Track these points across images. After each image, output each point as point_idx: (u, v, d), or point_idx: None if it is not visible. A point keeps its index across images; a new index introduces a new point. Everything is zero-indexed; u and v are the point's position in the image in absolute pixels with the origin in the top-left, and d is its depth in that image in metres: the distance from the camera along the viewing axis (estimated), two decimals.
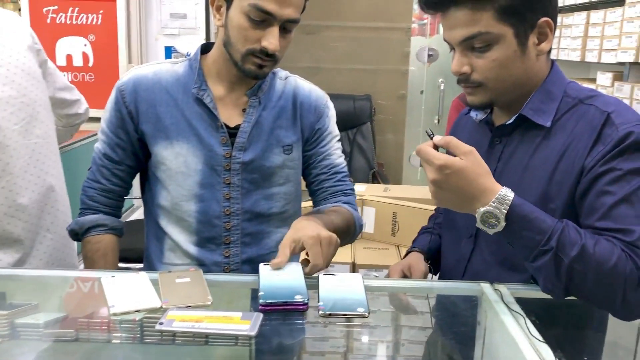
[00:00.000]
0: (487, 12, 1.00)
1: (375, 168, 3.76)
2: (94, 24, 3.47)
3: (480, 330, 1.04)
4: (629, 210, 0.95)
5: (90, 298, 1.14)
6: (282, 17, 1.17)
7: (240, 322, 0.93)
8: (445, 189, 0.96)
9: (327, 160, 1.41)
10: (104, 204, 1.36)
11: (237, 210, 1.31)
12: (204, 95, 1.28)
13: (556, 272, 0.94)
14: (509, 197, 0.94)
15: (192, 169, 1.29)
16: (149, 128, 1.29)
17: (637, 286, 0.92)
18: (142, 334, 0.98)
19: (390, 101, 3.97)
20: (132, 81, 1.31)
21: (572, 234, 0.94)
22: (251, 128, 1.30)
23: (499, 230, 0.95)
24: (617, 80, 2.39)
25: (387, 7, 3.83)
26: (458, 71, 1.06)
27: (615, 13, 2.41)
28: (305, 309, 1.00)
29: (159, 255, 1.36)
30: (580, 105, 1.06)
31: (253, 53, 1.20)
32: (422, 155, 0.97)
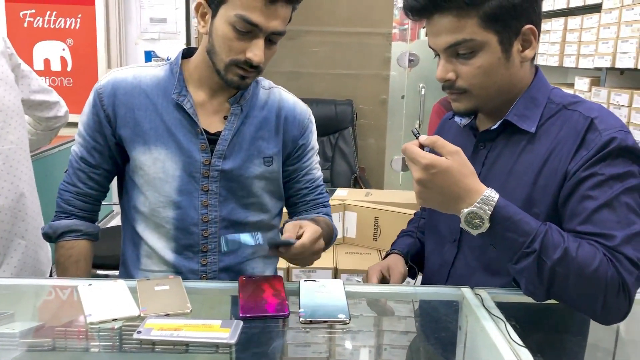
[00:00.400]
0: (471, 19, 1.01)
1: (357, 173, 3.76)
2: (73, 28, 3.42)
3: (461, 335, 1.04)
4: (611, 215, 0.96)
5: (67, 306, 1.12)
6: (268, 29, 1.16)
7: (219, 330, 0.92)
8: (430, 189, 0.96)
9: (309, 175, 1.42)
10: (80, 208, 1.34)
11: (215, 217, 1.30)
12: (184, 100, 1.26)
13: (538, 274, 0.94)
14: (494, 198, 0.94)
15: (170, 175, 1.27)
16: (127, 132, 1.27)
17: (617, 291, 0.93)
18: (121, 343, 0.96)
19: (372, 106, 3.98)
20: (111, 84, 1.28)
21: (555, 236, 0.95)
22: (232, 136, 1.29)
23: (483, 232, 0.95)
24: (595, 85, 2.42)
25: (368, 13, 3.85)
26: (443, 78, 1.07)
27: (592, 19, 2.44)
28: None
29: (135, 261, 1.34)
30: (564, 110, 1.07)
31: (237, 64, 1.19)
32: (408, 154, 0.97)
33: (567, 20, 2.69)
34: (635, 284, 0.94)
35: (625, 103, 2.11)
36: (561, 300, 0.97)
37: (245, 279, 1.12)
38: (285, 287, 1.09)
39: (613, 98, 2.19)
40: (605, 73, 2.35)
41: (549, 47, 2.87)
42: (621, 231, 0.95)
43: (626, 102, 2.10)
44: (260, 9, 1.13)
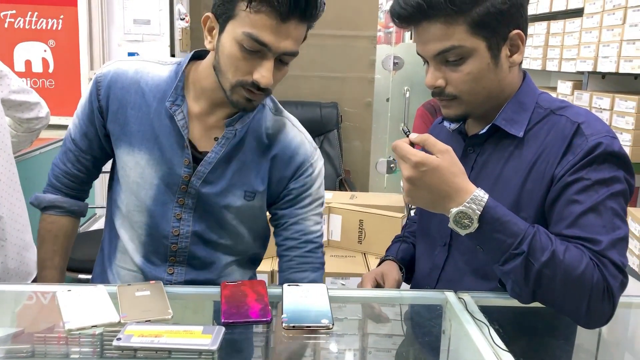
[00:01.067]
0: (460, 26, 1.01)
1: (342, 175, 3.77)
2: (54, 29, 3.38)
3: (445, 339, 1.04)
4: (597, 219, 0.97)
5: (47, 312, 1.10)
6: (278, 50, 1.07)
7: (201, 336, 0.91)
8: (420, 187, 0.95)
9: (300, 225, 1.27)
10: (67, 186, 1.32)
11: (186, 232, 1.24)
12: (176, 110, 1.18)
13: (525, 276, 0.94)
14: (484, 198, 0.94)
15: (147, 182, 1.22)
16: (115, 129, 1.23)
17: (602, 296, 0.93)
18: (102, 349, 0.95)
19: (357, 108, 3.99)
20: (111, 75, 1.22)
21: (543, 239, 0.95)
22: (216, 161, 1.20)
23: (471, 232, 0.95)
24: (577, 89, 2.44)
25: (353, 16, 3.86)
26: (432, 85, 1.07)
27: (574, 23, 2.46)
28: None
29: (110, 254, 1.32)
30: (552, 115, 1.08)
31: (243, 85, 1.10)
32: (399, 152, 0.96)
33: (549, 24, 2.71)
34: (619, 289, 0.94)
35: (606, 107, 2.13)
36: (546, 303, 0.97)
37: (228, 283, 1.10)
38: (269, 291, 1.08)
39: (595, 102, 2.21)
40: (587, 77, 2.37)
41: (532, 51, 2.89)
42: (606, 235, 0.95)
43: (608, 105, 2.12)
44: (271, 27, 1.04)
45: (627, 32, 2.04)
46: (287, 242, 1.27)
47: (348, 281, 2.34)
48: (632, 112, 1.98)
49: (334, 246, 2.56)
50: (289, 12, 1.04)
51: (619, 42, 2.08)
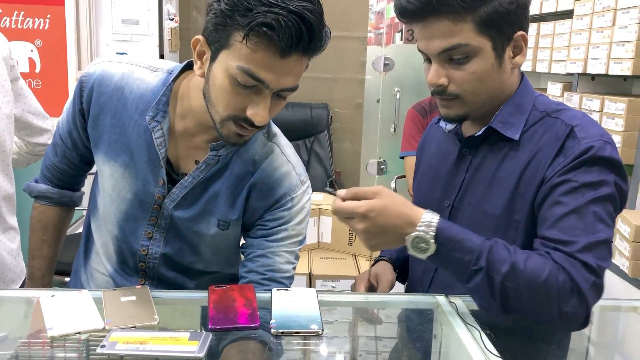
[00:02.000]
0: (467, 24, 0.99)
1: (333, 176, 3.75)
2: (41, 29, 3.34)
3: (436, 344, 1.03)
4: (577, 222, 0.96)
5: (31, 318, 1.08)
6: (276, 87, 0.98)
7: (187, 342, 0.89)
8: (376, 233, 0.95)
9: (269, 259, 1.15)
10: (57, 178, 1.31)
11: (155, 253, 1.18)
12: (155, 127, 1.10)
13: (490, 290, 0.93)
14: (434, 219, 0.94)
15: (120, 196, 1.16)
16: (94, 135, 1.17)
17: (570, 296, 0.91)
18: (88, 355, 0.92)
19: (347, 110, 3.98)
20: (95, 77, 1.14)
21: (501, 251, 0.94)
22: (193, 186, 1.13)
23: (431, 254, 0.94)
24: (567, 90, 2.45)
25: (344, 17, 3.85)
26: (435, 83, 1.04)
27: (564, 25, 2.47)
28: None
29: (86, 255, 1.30)
30: (547, 118, 1.07)
31: (235, 120, 1.01)
32: (342, 212, 0.96)
33: (539, 26, 2.71)
34: (592, 290, 0.93)
35: (596, 108, 2.13)
36: (518, 314, 0.95)
37: (216, 288, 1.08)
38: (257, 296, 1.07)
39: (585, 103, 2.22)
40: (577, 78, 2.38)
41: None
42: (584, 238, 0.94)
43: (597, 107, 2.12)
44: (270, 63, 0.94)
45: (617, 34, 2.05)
46: (249, 275, 1.15)
47: (338, 283, 2.33)
48: (621, 114, 1.99)
49: (325, 248, 2.54)
50: (291, 47, 0.93)
51: (609, 44, 2.08)
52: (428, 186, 1.22)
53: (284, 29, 0.91)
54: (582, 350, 1.19)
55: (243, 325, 0.97)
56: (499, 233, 1.04)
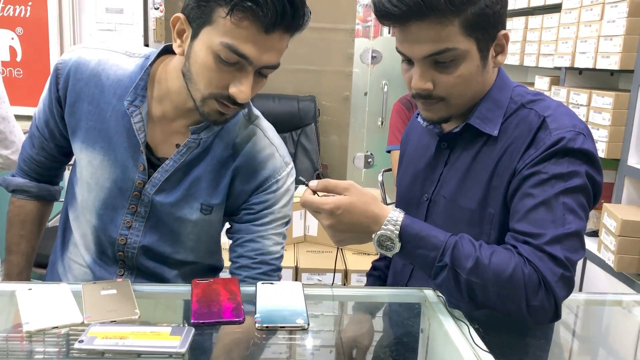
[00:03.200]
0: (454, 27, 0.96)
1: (319, 169, 3.73)
2: (23, 17, 3.27)
3: (423, 338, 1.02)
4: (547, 214, 0.94)
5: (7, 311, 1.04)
6: (259, 63, 0.98)
7: (169, 337, 0.86)
8: (343, 230, 0.95)
9: (258, 243, 1.16)
10: (35, 172, 1.27)
11: (134, 242, 1.16)
12: (134, 112, 1.09)
13: (456, 286, 0.93)
14: (399, 218, 0.94)
15: (99, 185, 1.14)
16: (71, 122, 1.15)
17: (537, 289, 0.90)
18: (68, 349, 0.90)
19: (335, 102, 3.95)
20: (72, 64, 1.13)
21: (466, 247, 0.93)
22: (175, 170, 1.12)
23: (397, 252, 0.94)
24: (554, 84, 2.44)
25: (331, 8, 3.81)
26: (422, 88, 1.01)
27: (552, 19, 2.46)
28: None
29: (63, 246, 1.27)
30: (522, 109, 1.06)
31: (216, 97, 1.00)
32: (309, 206, 0.95)
33: (527, 19, 2.71)
34: (559, 283, 0.91)
35: (584, 102, 2.13)
36: (488, 308, 0.95)
37: (199, 281, 1.06)
38: (242, 290, 1.04)
39: (572, 97, 2.22)
40: (564, 72, 2.38)
41: (510, 46, 2.89)
42: (553, 230, 0.93)
43: (585, 101, 2.12)
44: (254, 38, 0.95)
45: (605, 28, 2.04)
46: (240, 260, 1.17)
47: (324, 277, 2.31)
48: (608, 108, 1.99)
49: (311, 241, 2.53)
50: (275, 23, 0.94)
51: (597, 38, 2.08)
52: (409, 180, 1.21)
53: (268, 5, 0.92)
54: (567, 344, 1.19)
55: (227, 319, 0.95)
56: (474, 227, 1.04)
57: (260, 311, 0.96)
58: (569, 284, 0.93)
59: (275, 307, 0.98)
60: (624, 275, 1.84)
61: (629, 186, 1.98)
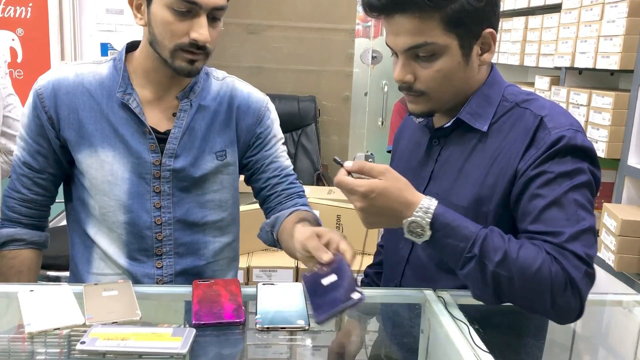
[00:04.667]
0: (433, 22, 0.98)
1: (320, 170, 3.73)
2: (23, 18, 3.27)
3: (423, 339, 1.02)
4: (560, 213, 0.96)
5: (9, 313, 1.05)
6: (208, 5, 1.10)
7: (170, 339, 0.87)
8: (374, 213, 0.95)
9: (276, 163, 1.34)
10: (25, 215, 1.26)
11: (169, 219, 1.24)
12: (129, 99, 1.19)
13: (482, 278, 0.93)
14: (432, 206, 0.94)
15: (118, 178, 1.20)
16: (71, 135, 1.20)
17: (564, 288, 0.91)
18: (69, 351, 0.90)
19: (335, 102, 3.96)
20: (52, 84, 1.20)
21: (495, 240, 0.94)
22: (182, 134, 1.22)
23: (427, 240, 0.95)
24: (554, 84, 2.45)
25: (331, 8, 3.82)
26: (401, 79, 1.04)
27: (552, 19, 2.47)
28: None
29: (87, 265, 1.27)
30: (517, 108, 1.07)
31: (182, 47, 1.12)
32: (344, 187, 0.95)
33: (527, 19, 2.71)
34: (584, 280, 0.93)
35: (584, 102, 2.13)
36: (512, 303, 0.96)
37: (200, 282, 1.06)
38: (243, 291, 1.05)
39: (572, 97, 2.22)
40: (564, 72, 2.38)
41: (510, 46, 2.89)
42: (570, 228, 0.94)
43: (585, 101, 2.12)
44: None
45: (605, 28, 2.04)
46: (270, 181, 1.33)
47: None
48: (608, 108, 1.99)
49: None
50: None
51: (597, 38, 2.08)
52: None
53: None
54: (568, 344, 1.19)
55: (228, 320, 0.95)
56: None
57: (260, 312, 0.97)
58: (591, 279, 0.94)
59: (276, 308, 0.98)
60: (624, 275, 1.84)
61: (629, 186, 1.98)
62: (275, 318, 0.95)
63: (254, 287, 1.07)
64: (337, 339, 1.16)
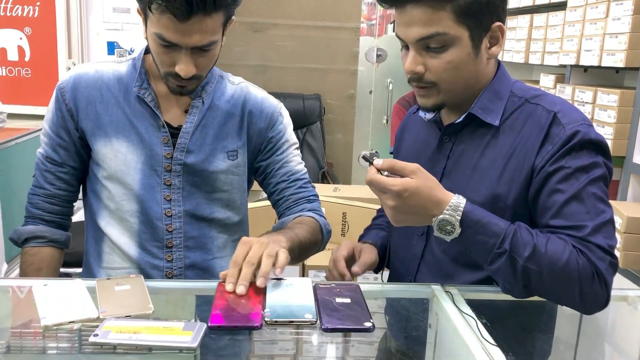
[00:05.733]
0: (445, 12, 0.99)
1: (325, 168, 3.74)
2: (31, 17, 3.29)
3: (431, 334, 1.03)
4: (580, 207, 0.98)
5: (23, 307, 1.07)
6: (188, 45, 1.12)
7: (181, 333, 0.88)
8: (405, 212, 0.96)
9: (286, 168, 1.35)
10: (49, 211, 1.29)
11: (179, 212, 1.27)
12: (145, 94, 1.24)
13: (513, 273, 0.96)
14: (461, 204, 0.96)
15: (132, 168, 1.24)
16: (88, 125, 1.25)
17: (591, 281, 0.94)
18: (81, 344, 0.91)
19: (340, 101, 3.96)
20: (73, 79, 1.27)
21: (524, 235, 0.96)
22: (194, 129, 1.26)
23: (456, 237, 0.96)
24: (559, 82, 2.45)
25: (336, 7, 3.82)
26: (412, 70, 1.05)
27: (557, 17, 2.47)
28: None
29: (97, 259, 1.30)
30: (527, 104, 1.08)
31: (170, 75, 1.16)
32: (376, 185, 0.96)
33: (532, 17, 2.71)
34: (609, 270, 0.96)
35: (589, 100, 2.14)
36: (540, 296, 0.98)
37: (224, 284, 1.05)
38: None
39: (577, 95, 2.22)
40: (569, 70, 2.38)
41: (515, 44, 2.90)
42: (591, 221, 0.97)
43: (590, 99, 2.13)
44: (174, 27, 1.09)
45: (610, 25, 2.05)
46: (279, 186, 1.35)
47: None
48: (613, 106, 1.99)
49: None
50: (187, 12, 1.06)
51: (602, 36, 2.08)
52: None
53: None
54: (573, 339, 1.20)
55: (244, 325, 0.93)
56: None
57: (269, 306, 0.97)
58: (615, 269, 0.97)
59: (285, 302, 0.99)
60: (629, 271, 1.84)
61: (634, 183, 1.99)
62: (283, 312, 0.95)
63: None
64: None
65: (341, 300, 1.00)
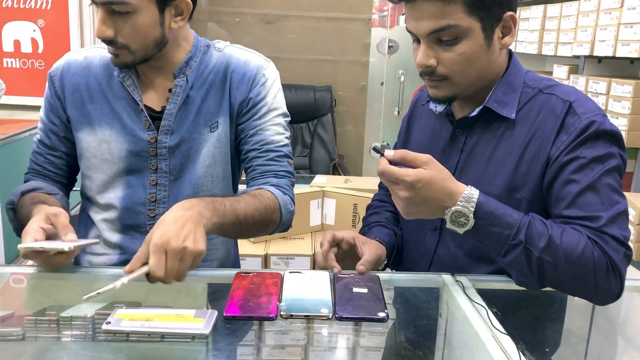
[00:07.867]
0: (456, 4, 0.98)
1: (336, 159, 3.74)
2: (44, 9, 3.31)
3: (441, 322, 1.03)
4: (595, 197, 0.97)
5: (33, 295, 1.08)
6: (99, 0, 1.11)
7: (193, 320, 0.89)
8: (417, 203, 0.95)
9: (260, 136, 1.25)
10: (49, 170, 1.30)
11: (163, 197, 1.26)
12: (124, 77, 1.23)
13: (527, 264, 0.95)
14: (475, 195, 0.95)
15: (116, 156, 1.24)
16: (73, 113, 1.27)
17: (606, 271, 0.94)
18: (94, 332, 0.93)
19: (351, 92, 3.96)
20: (62, 66, 1.29)
21: (539, 226, 0.96)
22: (177, 110, 1.23)
23: (469, 229, 0.95)
24: (573, 73, 2.43)
25: None
26: (424, 64, 1.03)
27: (571, 7, 2.44)
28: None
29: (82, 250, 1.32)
30: (540, 94, 1.07)
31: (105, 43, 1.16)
32: (388, 176, 0.94)
33: (546, 7, 2.69)
34: (624, 262, 0.96)
35: (603, 91, 2.11)
36: (554, 287, 0.98)
37: (242, 274, 1.05)
38: None
39: (591, 86, 2.20)
40: (583, 61, 2.36)
41: (528, 35, 2.87)
42: (606, 212, 0.96)
43: (604, 90, 2.11)
44: None
45: (625, 15, 2.02)
46: (249, 154, 1.26)
47: None
48: (628, 97, 1.97)
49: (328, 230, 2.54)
50: None
51: (617, 26, 2.06)
52: None
53: None
54: (584, 330, 1.19)
55: (259, 315, 0.93)
56: None
57: (285, 299, 0.96)
58: (629, 260, 0.97)
59: (301, 295, 0.98)
60: None
61: None
62: (299, 305, 0.95)
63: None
64: None
65: (358, 290, 1.00)
